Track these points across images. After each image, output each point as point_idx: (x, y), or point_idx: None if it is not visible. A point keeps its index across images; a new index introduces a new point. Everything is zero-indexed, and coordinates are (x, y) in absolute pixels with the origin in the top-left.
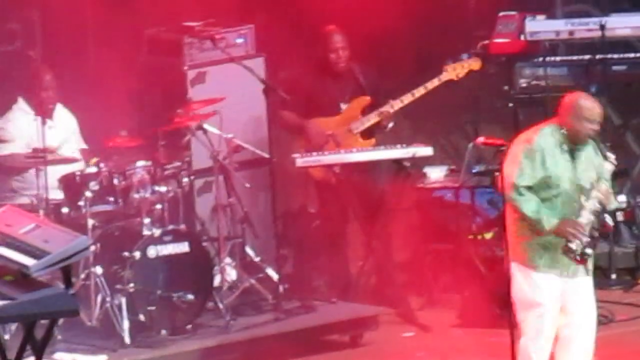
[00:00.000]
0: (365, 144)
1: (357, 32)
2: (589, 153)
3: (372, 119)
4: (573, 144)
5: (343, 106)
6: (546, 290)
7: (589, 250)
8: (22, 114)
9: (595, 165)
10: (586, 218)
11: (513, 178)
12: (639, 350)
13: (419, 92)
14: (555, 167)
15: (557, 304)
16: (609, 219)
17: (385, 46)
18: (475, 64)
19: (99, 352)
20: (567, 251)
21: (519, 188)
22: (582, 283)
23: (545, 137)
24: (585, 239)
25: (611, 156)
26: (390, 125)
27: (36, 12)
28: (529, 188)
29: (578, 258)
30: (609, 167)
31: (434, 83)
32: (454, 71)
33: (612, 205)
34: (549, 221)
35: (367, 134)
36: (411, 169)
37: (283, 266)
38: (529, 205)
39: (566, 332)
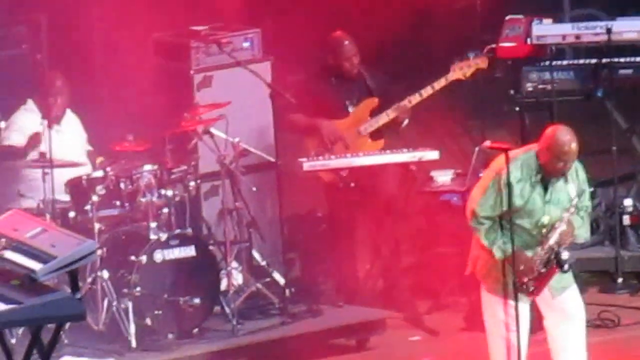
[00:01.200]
0: (374, 145)
1: (364, 36)
2: (562, 187)
3: (382, 119)
4: (547, 176)
5: (351, 109)
6: (511, 312)
7: (531, 289)
8: (29, 113)
9: (567, 199)
10: (543, 254)
11: (475, 205)
12: None
13: (427, 91)
14: (522, 199)
15: (526, 317)
16: (565, 258)
17: (392, 50)
18: (482, 63)
19: (106, 356)
20: (520, 284)
21: (479, 217)
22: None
23: (517, 168)
24: (532, 276)
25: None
26: (406, 122)
27: (43, 15)
28: (489, 218)
29: (527, 292)
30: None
31: (441, 83)
32: (460, 70)
33: (580, 238)
34: (502, 252)
35: (377, 135)
36: (418, 173)
37: (290, 270)
38: (484, 234)
39: (555, 332)
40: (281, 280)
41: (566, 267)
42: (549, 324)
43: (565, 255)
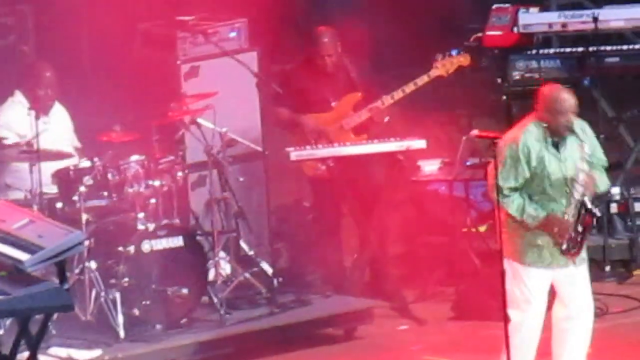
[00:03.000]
0: (357, 140)
1: (350, 26)
2: (573, 143)
3: (364, 115)
4: (555, 136)
5: (333, 103)
6: (534, 287)
7: (572, 249)
8: (17, 106)
9: (580, 154)
10: (573, 210)
11: (498, 179)
12: (633, 342)
13: (409, 88)
14: (542, 162)
15: (544, 297)
16: (594, 210)
17: (378, 40)
18: (464, 60)
19: (94, 347)
20: (556, 246)
21: (503, 190)
22: (577, 274)
23: (530, 134)
24: (569, 235)
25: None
26: (386, 119)
27: (29, 6)
28: (514, 189)
29: (568, 252)
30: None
31: (423, 79)
32: (443, 67)
33: (601, 188)
34: (534, 219)
35: (359, 130)
36: (405, 162)
37: (277, 260)
38: (513, 205)
39: (563, 325)
40: (269, 270)
41: (598, 212)
42: (560, 314)
43: (588, 203)
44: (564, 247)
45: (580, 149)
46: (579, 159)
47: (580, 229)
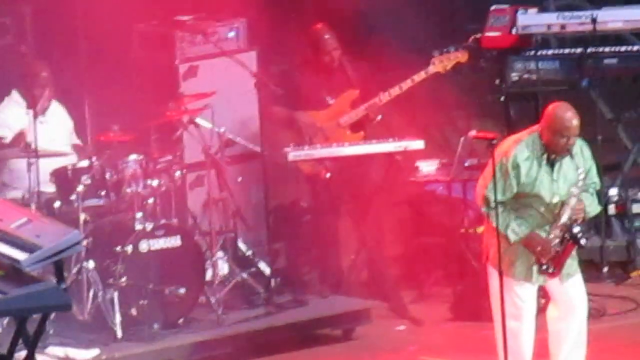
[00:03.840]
0: (354, 137)
1: (347, 25)
2: (569, 164)
3: (361, 112)
4: (552, 154)
5: (331, 100)
6: (522, 294)
7: (550, 269)
8: (14, 105)
9: (575, 177)
10: (558, 232)
11: (485, 190)
12: (630, 343)
13: (406, 84)
14: (532, 180)
15: (534, 299)
16: (580, 238)
17: (375, 39)
18: (462, 57)
19: (91, 346)
20: (538, 265)
21: (490, 202)
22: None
23: (523, 150)
24: (551, 256)
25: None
26: (379, 118)
27: (27, 6)
28: (501, 202)
29: (546, 272)
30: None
31: (421, 76)
32: (441, 64)
33: (591, 213)
34: (517, 235)
35: (356, 127)
36: (403, 162)
37: (275, 260)
38: (499, 219)
39: (556, 326)
40: (266, 271)
41: (583, 242)
42: (553, 314)
43: (576, 229)
44: (544, 267)
45: (575, 171)
46: (573, 182)
47: (559, 250)
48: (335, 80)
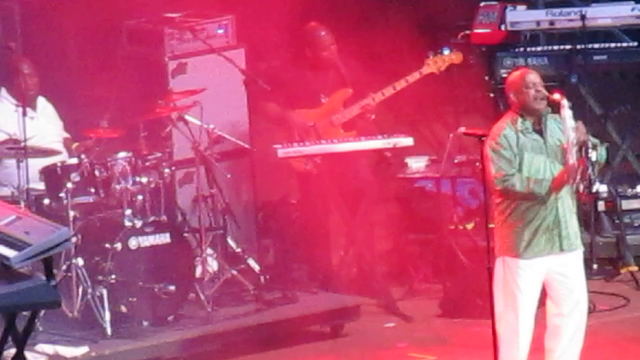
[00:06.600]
0: (346, 136)
1: (339, 23)
2: (553, 127)
3: (354, 111)
4: (535, 121)
5: (324, 99)
6: (527, 282)
7: (581, 187)
8: (2, 102)
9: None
10: (574, 148)
11: (492, 173)
12: (619, 340)
13: (400, 85)
14: (526, 148)
15: (537, 291)
16: (590, 153)
17: (367, 37)
18: (456, 58)
19: (81, 343)
20: (577, 191)
21: (504, 176)
22: (570, 264)
23: (505, 129)
24: (577, 174)
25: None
26: (372, 117)
27: (16, 3)
28: (511, 174)
29: (584, 192)
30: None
31: (415, 76)
32: (435, 65)
33: (599, 151)
34: (541, 184)
35: (349, 126)
36: (392, 159)
37: (264, 257)
38: (517, 183)
39: (556, 321)
40: (256, 267)
41: (593, 156)
42: (553, 310)
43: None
44: (581, 188)
45: (562, 131)
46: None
47: (582, 165)
48: (328, 79)
